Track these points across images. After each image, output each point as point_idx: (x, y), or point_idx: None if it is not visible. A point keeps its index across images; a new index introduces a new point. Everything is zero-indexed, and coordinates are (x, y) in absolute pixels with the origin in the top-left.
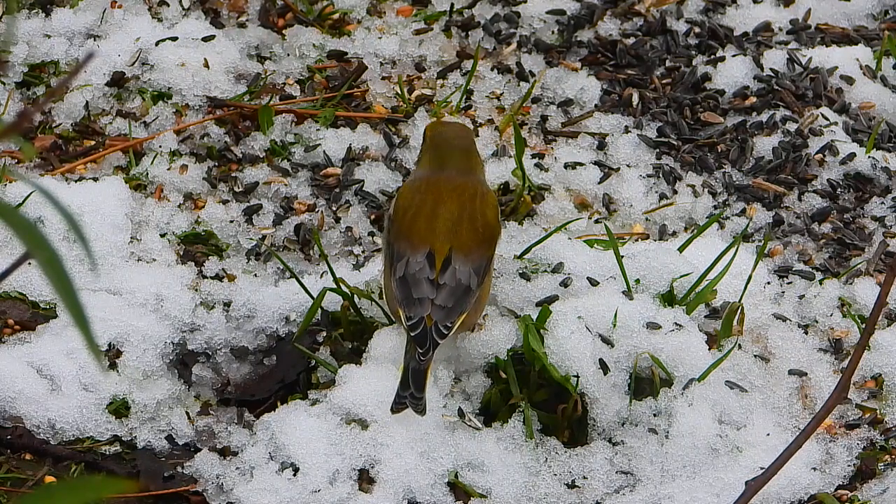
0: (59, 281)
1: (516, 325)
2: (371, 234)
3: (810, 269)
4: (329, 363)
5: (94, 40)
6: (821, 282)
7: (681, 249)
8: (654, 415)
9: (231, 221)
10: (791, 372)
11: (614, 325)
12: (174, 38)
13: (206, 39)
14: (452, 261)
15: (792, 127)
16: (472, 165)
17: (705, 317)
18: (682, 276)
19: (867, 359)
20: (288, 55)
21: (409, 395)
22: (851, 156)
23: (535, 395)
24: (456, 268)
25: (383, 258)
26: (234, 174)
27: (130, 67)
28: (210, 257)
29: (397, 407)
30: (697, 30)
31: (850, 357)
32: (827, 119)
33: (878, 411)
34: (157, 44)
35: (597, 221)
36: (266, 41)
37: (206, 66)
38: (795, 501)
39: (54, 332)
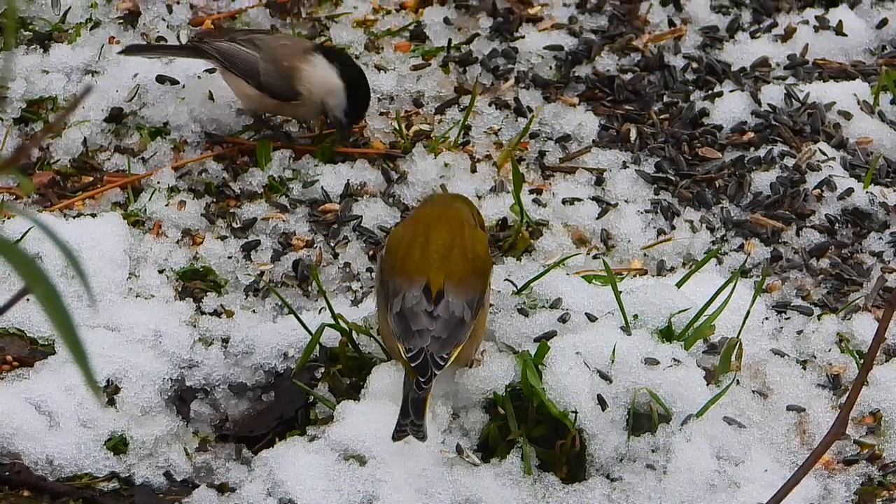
0: (58, 316)
1: (514, 360)
2: (369, 269)
3: (808, 305)
4: (327, 399)
5: (92, 76)
6: (819, 317)
7: (679, 285)
8: (653, 450)
9: (229, 257)
10: (789, 407)
11: (612, 361)
12: (175, 81)
13: (207, 72)
14: (446, 293)
15: (790, 162)
16: (458, 202)
17: (703, 352)
18: (680, 312)
19: (865, 394)
20: None
21: (410, 423)
22: (849, 191)
23: (533, 431)
24: (449, 300)
25: (376, 299)
26: (232, 210)
27: (128, 103)
28: (208, 293)
29: (398, 435)
30: (695, 65)
31: (848, 393)
32: (825, 154)
33: (876, 447)
34: (155, 79)
35: (595, 257)
36: None
37: (211, 98)
38: None
39: (52, 368)
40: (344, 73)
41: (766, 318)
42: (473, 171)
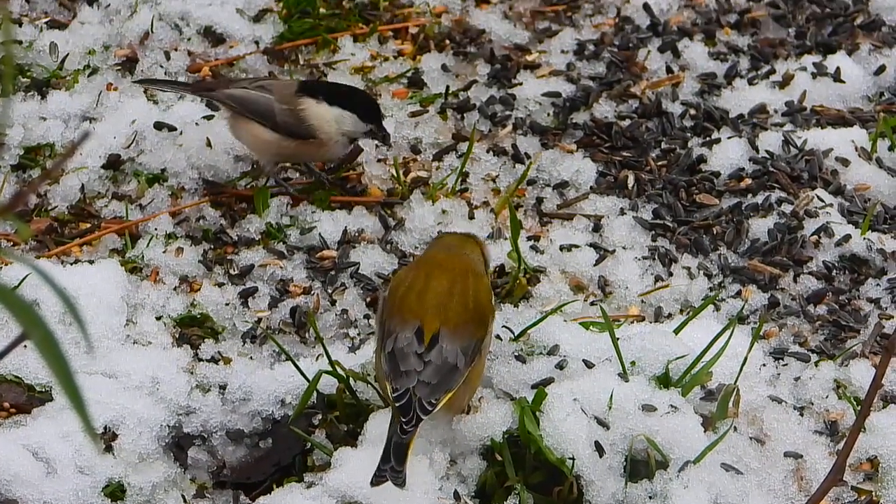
0: (56, 362)
1: (512, 407)
2: (367, 316)
3: (806, 351)
4: (324, 446)
5: (90, 122)
6: (816, 364)
7: (676, 331)
8: (650, 497)
9: (227, 304)
10: (787, 454)
11: (610, 408)
12: (172, 127)
13: (205, 118)
14: (440, 339)
15: (787, 209)
16: (467, 249)
17: (701, 399)
18: (677, 358)
19: (863, 441)
20: None
21: (390, 469)
22: (847, 237)
23: (530, 478)
24: (443, 346)
25: (376, 340)
26: (229, 257)
27: (126, 150)
28: (206, 340)
29: (377, 480)
30: (693, 112)
31: (845, 439)
32: (822, 201)
33: (873, 493)
34: (153, 126)
35: (592, 303)
36: None
37: (209, 144)
38: None
39: (50, 414)
40: (332, 100)
41: (764, 365)
42: (471, 217)
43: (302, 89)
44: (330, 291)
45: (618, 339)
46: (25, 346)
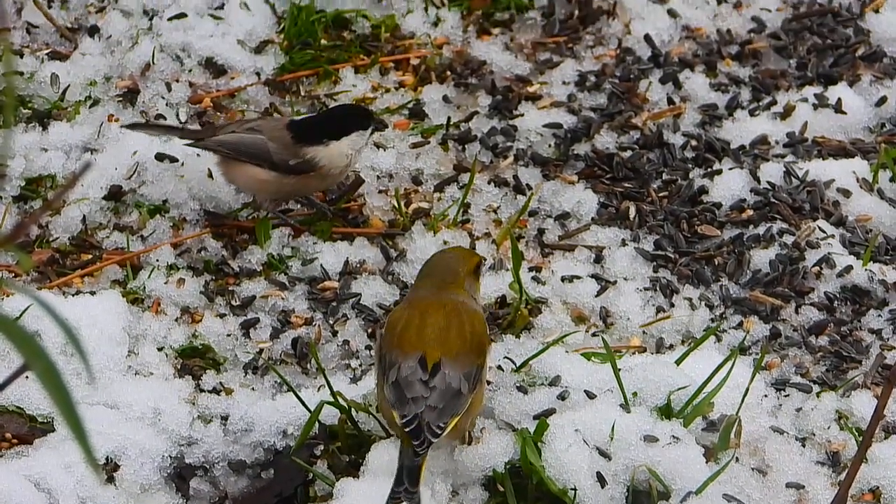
0: (58, 393)
1: (514, 438)
2: (368, 347)
3: (807, 382)
4: (326, 477)
5: (92, 154)
6: (818, 394)
7: (678, 362)
8: None
9: (228, 335)
10: (789, 485)
11: (612, 438)
12: (174, 159)
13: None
14: (443, 366)
15: (789, 240)
16: (455, 285)
17: (703, 430)
18: (679, 389)
19: (865, 471)
20: None
21: (404, 490)
22: (848, 268)
23: None
24: (446, 372)
25: (375, 373)
26: (231, 288)
27: (127, 181)
28: (207, 371)
29: (392, 501)
30: (694, 143)
31: (847, 470)
32: (824, 232)
33: None
34: (155, 157)
35: (594, 334)
36: None
37: (210, 175)
38: None
39: (52, 445)
40: (335, 136)
41: (766, 396)
42: (472, 248)
43: (297, 138)
44: (331, 322)
45: (619, 369)
46: (27, 376)
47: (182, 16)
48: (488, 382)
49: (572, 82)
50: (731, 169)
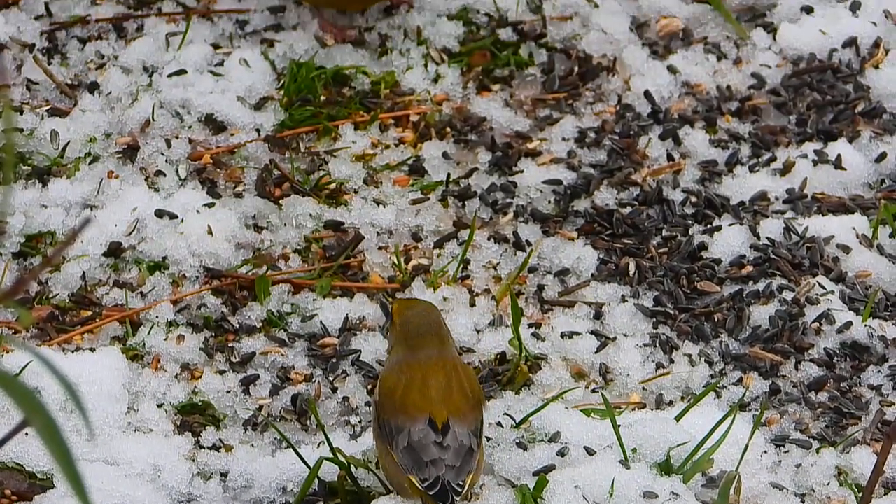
0: (57, 449)
1: (513, 494)
2: (368, 404)
3: (807, 438)
4: None
5: (91, 210)
6: (818, 450)
7: (678, 419)
8: None
9: (228, 392)
10: None
11: (611, 495)
12: (173, 215)
13: (206, 206)
14: (451, 424)
15: (788, 296)
16: (445, 343)
17: (702, 486)
18: (678, 446)
19: None
20: (285, 225)
21: None
22: (848, 324)
23: None
24: (456, 431)
25: (375, 440)
26: (231, 344)
27: (127, 237)
28: (207, 427)
29: None
30: (694, 199)
31: None
32: (823, 288)
33: None
34: (154, 213)
35: (593, 391)
36: (263, 211)
37: (210, 232)
38: None
39: (52, 502)
40: None
41: (765, 452)
42: (472, 305)
43: None
44: (331, 379)
45: (619, 426)
46: (27, 433)
47: (182, 72)
48: (487, 438)
49: (572, 138)
50: (730, 225)
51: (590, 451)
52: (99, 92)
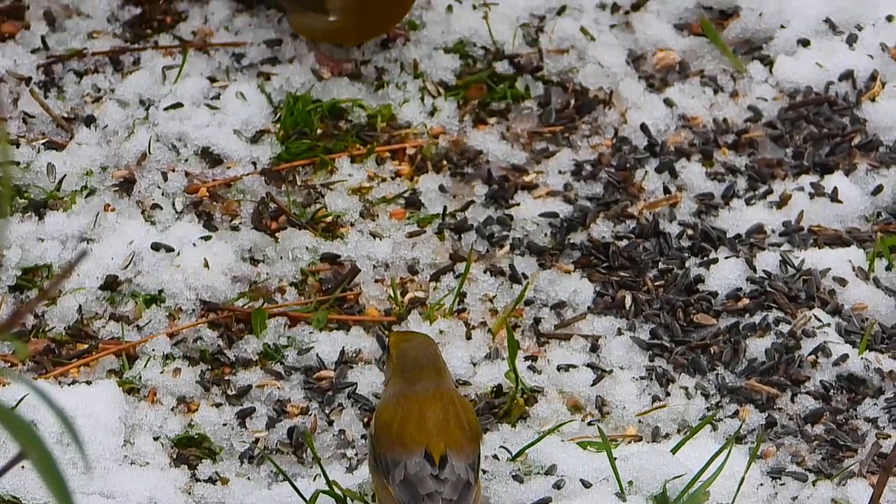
0: (54, 482)
1: None
2: (364, 436)
3: (803, 471)
4: None
5: (88, 243)
6: (814, 483)
7: (674, 451)
8: None
9: (224, 425)
10: None
11: None
12: (170, 248)
13: (202, 239)
14: (449, 457)
15: (785, 328)
16: (442, 376)
17: None
18: (675, 478)
19: None
20: (281, 258)
21: None
22: (844, 357)
23: None
24: (453, 464)
25: (371, 473)
26: (227, 377)
27: (123, 271)
28: (203, 460)
29: None
30: (690, 232)
31: None
32: (820, 320)
33: None
34: (150, 246)
35: (590, 423)
36: (259, 244)
37: (206, 265)
38: None
39: None
40: None
41: (761, 485)
42: (469, 338)
43: None
44: (327, 412)
45: (615, 458)
46: (23, 465)
47: (178, 106)
48: (483, 471)
49: (568, 171)
50: (727, 258)
51: (586, 484)
52: (95, 125)
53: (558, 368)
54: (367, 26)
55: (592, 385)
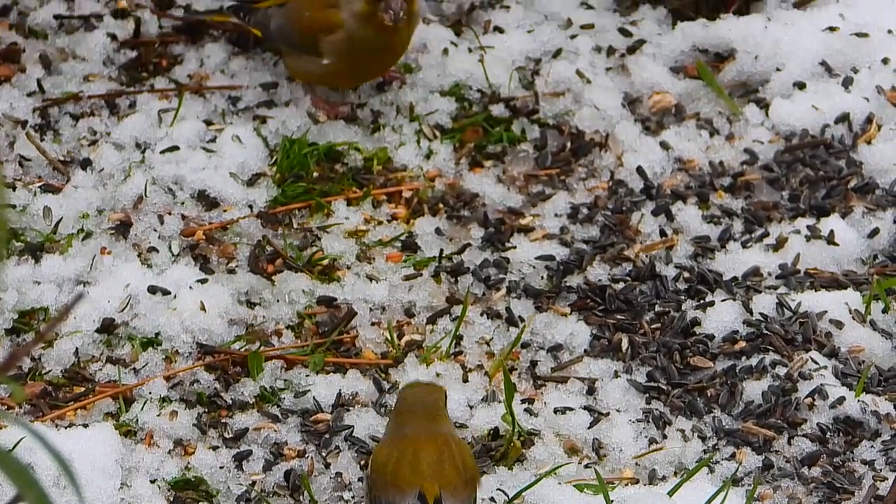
0: None
1: None
2: (360, 479)
3: None
4: None
5: (84, 286)
6: None
7: (671, 494)
8: None
9: (221, 467)
10: None
11: None
12: (166, 291)
13: (199, 282)
14: (443, 499)
15: (781, 371)
16: (436, 420)
17: None
18: None
19: None
20: (277, 301)
21: None
22: (841, 400)
23: None
24: None
25: None
26: (224, 420)
27: (120, 314)
28: (200, 503)
29: None
30: (686, 275)
31: None
32: (816, 363)
33: None
34: (147, 289)
35: (587, 466)
36: (256, 287)
37: (203, 308)
38: None
39: None
40: None
41: None
42: (465, 380)
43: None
44: (324, 455)
45: (612, 501)
46: None
47: (174, 149)
48: None
49: (564, 214)
50: (723, 300)
51: None
52: (91, 168)
53: (555, 411)
54: (361, 69)
55: (589, 428)
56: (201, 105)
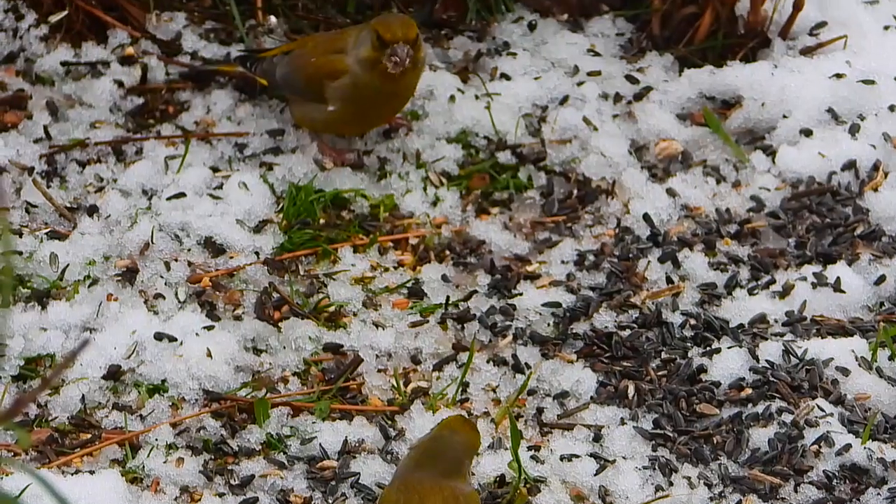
0: None
1: None
2: None
3: None
4: None
5: (91, 333)
6: None
7: None
8: None
9: None
10: None
11: None
12: (173, 338)
13: (205, 329)
14: None
15: (788, 418)
16: (453, 474)
17: None
18: None
19: None
20: (284, 348)
21: None
22: (847, 447)
23: None
24: None
25: None
26: (230, 467)
27: (126, 360)
28: None
29: None
30: (693, 322)
31: None
32: (823, 410)
33: None
34: (153, 336)
35: None
36: (262, 334)
37: (209, 355)
38: None
39: None
40: None
41: None
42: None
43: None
44: (330, 501)
45: None
46: None
47: (181, 195)
48: None
49: (571, 261)
50: (729, 348)
51: None
52: (98, 215)
53: (561, 458)
54: (366, 116)
55: (595, 475)
56: (208, 152)
